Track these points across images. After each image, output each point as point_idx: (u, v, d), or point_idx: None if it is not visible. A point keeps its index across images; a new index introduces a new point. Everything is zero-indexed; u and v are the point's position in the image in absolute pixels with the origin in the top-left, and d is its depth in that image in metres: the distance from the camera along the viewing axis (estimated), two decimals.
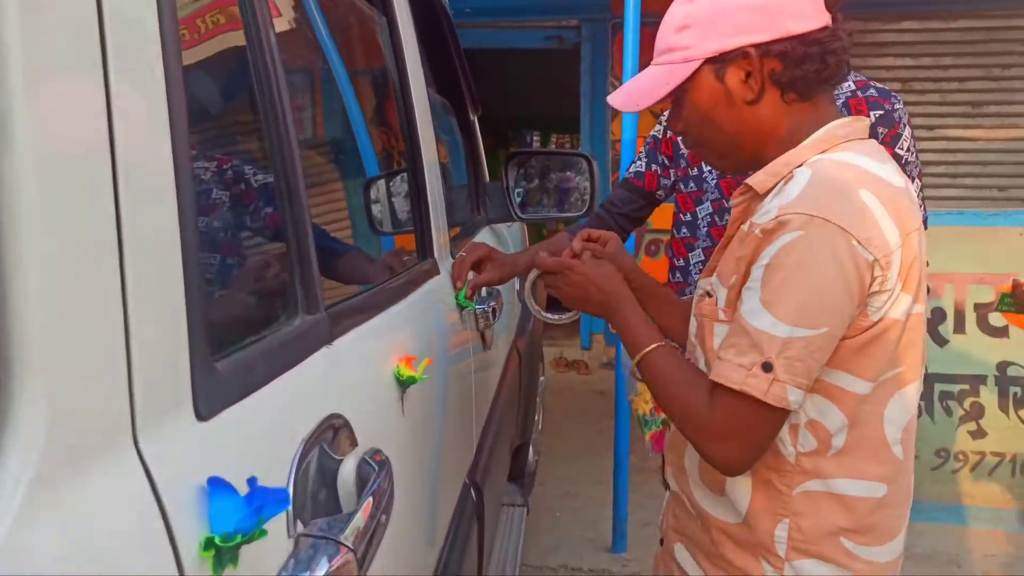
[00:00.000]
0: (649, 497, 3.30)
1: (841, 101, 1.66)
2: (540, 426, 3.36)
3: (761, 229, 0.92)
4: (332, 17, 1.33)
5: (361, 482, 0.65)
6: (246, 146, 0.93)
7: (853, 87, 1.67)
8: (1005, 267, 2.66)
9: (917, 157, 1.71)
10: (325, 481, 0.64)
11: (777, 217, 0.90)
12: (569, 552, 2.93)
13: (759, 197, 1.00)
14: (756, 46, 0.95)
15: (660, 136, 1.93)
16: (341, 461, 0.65)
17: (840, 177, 0.93)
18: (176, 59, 0.51)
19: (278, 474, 0.58)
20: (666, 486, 1.26)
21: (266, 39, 0.72)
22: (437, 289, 1.27)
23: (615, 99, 1.08)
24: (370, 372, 0.84)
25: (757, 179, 0.99)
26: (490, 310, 1.53)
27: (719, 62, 0.98)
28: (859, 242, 0.89)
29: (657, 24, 1.04)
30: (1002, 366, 2.73)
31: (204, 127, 0.84)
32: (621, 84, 1.15)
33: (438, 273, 1.31)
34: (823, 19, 0.96)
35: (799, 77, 0.96)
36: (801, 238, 0.88)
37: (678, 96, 1.02)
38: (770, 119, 0.99)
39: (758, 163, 1.02)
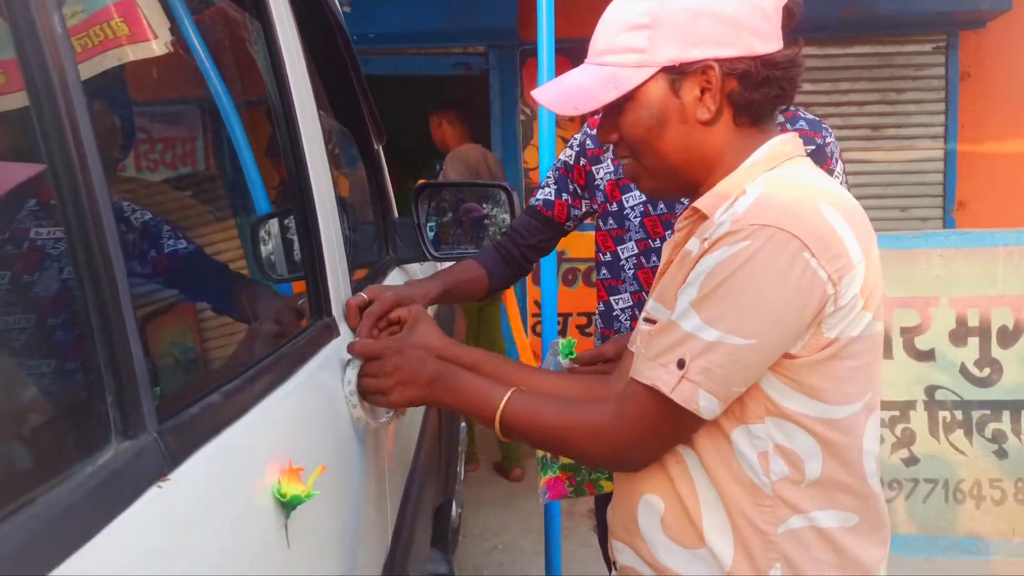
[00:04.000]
0: (582, 545, 3.12)
1: None
2: (463, 475, 3.13)
3: (709, 240, 0.85)
4: (180, 22, 1.10)
5: None
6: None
7: (781, 118, 1.56)
8: (929, 290, 2.64)
9: (850, 190, 1.60)
10: None
11: (729, 228, 0.84)
12: None
13: (705, 221, 0.92)
14: (720, 61, 0.87)
15: (572, 162, 1.74)
16: None
17: (795, 189, 0.88)
18: None
19: None
20: (611, 568, 1.09)
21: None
22: (337, 356, 1.05)
23: (545, 97, 0.97)
24: (233, 506, 0.61)
25: (705, 202, 0.92)
26: None
27: (676, 73, 0.89)
28: (813, 254, 0.83)
29: (570, 50, 0.91)
30: (930, 390, 2.69)
31: None
32: (532, 112, 1.01)
33: (338, 334, 1.08)
34: (779, 42, 0.91)
35: (756, 100, 0.90)
36: (748, 247, 0.82)
37: (616, 103, 0.91)
38: (719, 142, 0.92)
39: (692, 190, 0.96)
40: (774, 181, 0.89)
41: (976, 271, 2.63)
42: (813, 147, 1.54)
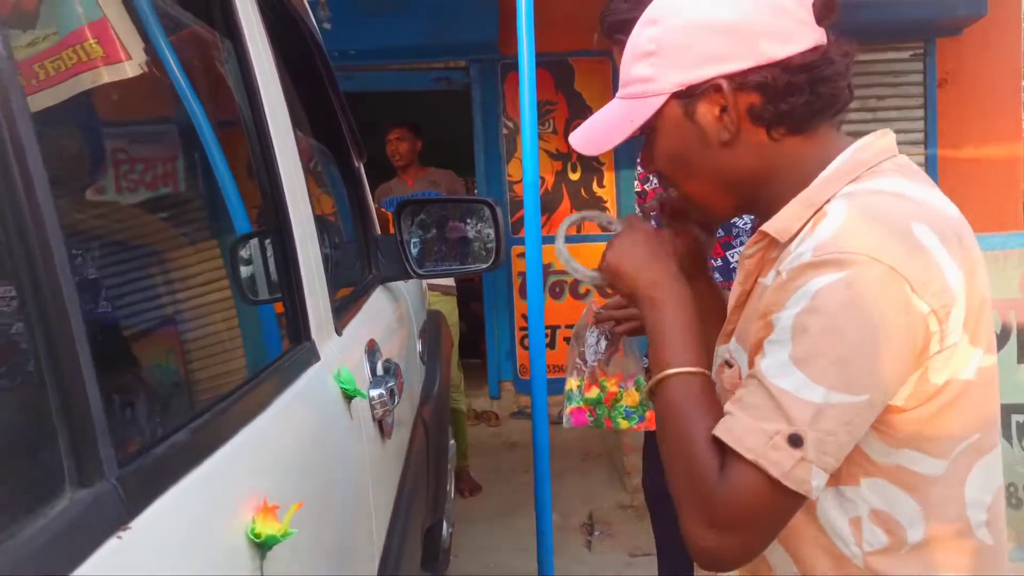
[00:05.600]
0: (575, 560, 3.08)
1: None
2: (453, 495, 3.08)
3: (788, 272, 0.75)
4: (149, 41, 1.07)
5: None
6: None
7: None
8: None
9: None
10: None
11: (812, 257, 0.73)
12: None
13: (779, 246, 0.82)
14: (729, 77, 0.79)
15: (640, 191, 1.91)
16: None
17: (886, 208, 0.76)
18: None
19: None
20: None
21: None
22: (318, 382, 1.01)
23: (576, 140, 0.91)
24: (202, 552, 0.56)
25: (776, 225, 0.82)
26: (387, 393, 1.28)
27: (687, 97, 0.82)
28: (913, 288, 0.72)
29: (551, 63, 0.88)
30: None
31: None
32: (515, 125, 0.98)
33: (318, 359, 1.05)
34: (810, 37, 0.79)
35: (785, 112, 0.79)
36: (843, 280, 0.71)
37: (648, 132, 0.86)
38: (754, 160, 0.82)
39: (754, 205, 0.86)
40: (857, 199, 0.78)
41: None
42: None
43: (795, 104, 0.79)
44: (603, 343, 1.73)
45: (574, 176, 5.03)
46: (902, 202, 0.78)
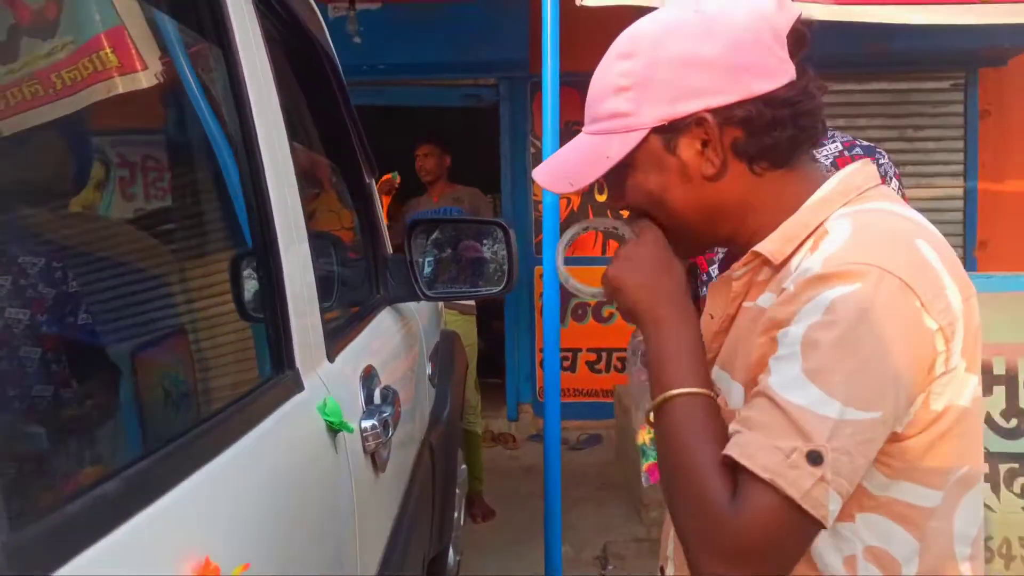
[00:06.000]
0: None
1: (829, 162, 1.63)
2: (463, 521, 3.00)
3: (796, 285, 0.73)
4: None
5: None
6: None
7: (840, 147, 1.69)
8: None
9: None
10: None
11: (821, 271, 0.72)
12: None
13: (771, 268, 0.80)
14: (713, 111, 0.78)
15: None
16: None
17: (889, 225, 0.77)
18: None
19: None
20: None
21: None
22: (298, 415, 0.94)
23: (541, 177, 0.89)
24: None
25: (769, 246, 0.80)
26: (380, 424, 1.21)
27: (668, 131, 0.80)
28: (923, 304, 0.71)
29: (577, 83, 0.90)
30: None
31: None
32: (540, 144, 0.93)
33: (302, 389, 0.98)
34: (789, 73, 0.79)
35: (769, 146, 0.79)
36: (858, 291, 0.70)
37: (617, 168, 0.83)
38: (739, 194, 0.81)
39: (733, 240, 0.85)
40: (859, 216, 0.77)
41: (1003, 317, 2.49)
42: None
43: (779, 138, 0.79)
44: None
45: (600, 198, 4.96)
46: (902, 220, 0.78)
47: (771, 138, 0.78)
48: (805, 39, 0.81)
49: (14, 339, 0.64)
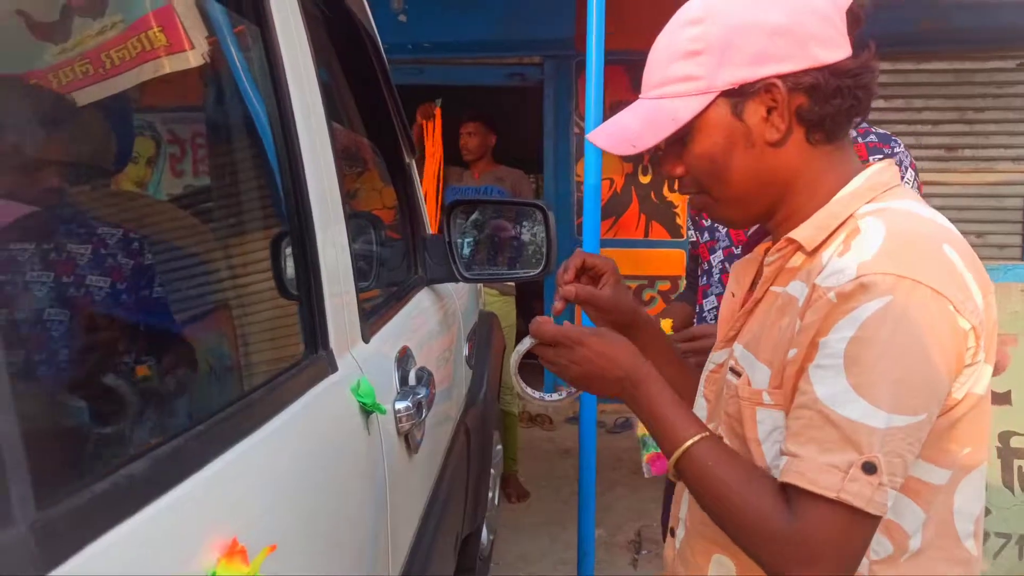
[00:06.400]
0: None
1: None
2: (496, 501, 3.02)
3: (836, 293, 0.76)
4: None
5: None
6: None
7: (853, 133, 1.59)
8: (1007, 327, 2.42)
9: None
10: None
11: (857, 278, 0.76)
12: None
13: (803, 256, 0.85)
14: (783, 77, 0.81)
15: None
16: None
17: (919, 229, 0.81)
18: None
19: None
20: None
21: None
22: (330, 396, 0.95)
23: (601, 139, 0.91)
24: None
25: (803, 233, 0.84)
26: (414, 407, 1.22)
27: (737, 96, 0.83)
28: (955, 307, 0.76)
29: (623, 62, 0.86)
30: (1005, 437, 2.46)
31: None
32: (584, 124, 0.94)
33: (334, 370, 0.99)
34: (847, 47, 0.83)
35: (829, 114, 0.83)
36: (893, 304, 0.74)
37: (679, 135, 0.86)
38: (794, 163, 0.85)
39: (772, 215, 0.89)
40: (889, 217, 0.81)
41: None
42: (880, 156, 1.60)
43: (840, 107, 0.82)
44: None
45: (644, 179, 4.89)
46: (929, 224, 0.81)
47: (832, 106, 0.82)
48: (859, 19, 0.84)
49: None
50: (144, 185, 1.59)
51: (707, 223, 1.80)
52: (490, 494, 2.71)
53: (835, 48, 0.82)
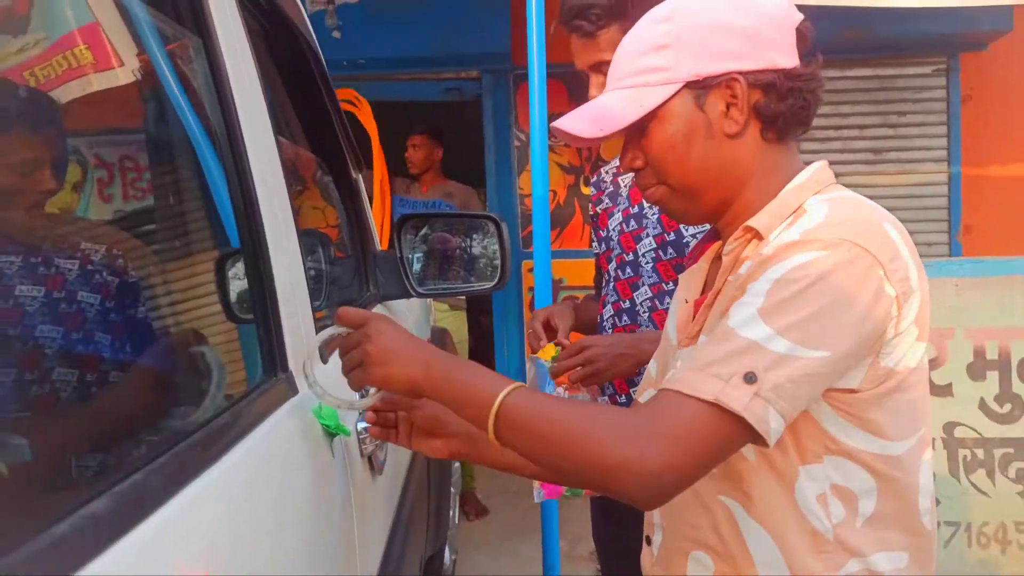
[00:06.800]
0: None
1: None
2: (457, 520, 2.97)
3: (774, 247, 0.83)
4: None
5: None
6: None
7: None
8: (944, 321, 2.50)
9: None
10: None
11: (798, 239, 0.82)
12: None
13: (757, 244, 0.89)
14: (744, 74, 0.88)
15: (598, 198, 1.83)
16: None
17: (860, 207, 0.88)
18: None
19: None
20: None
21: None
22: (292, 420, 0.90)
23: (570, 123, 0.93)
24: None
25: (760, 221, 0.89)
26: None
27: (701, 88, 0.89)
28: (885, 273, 0.82)
29: (561, 75, 0.89)
30: (949, 427, 2.54)
31: None
32: (527, 137, 0.95)
33: (295, 393, 0.95)
34: (797, 58, 0.91)
35: (782, 112, 0.90)
36: (825, 256, 0.80)
37: (639, 126, 0.91)
38: (748, 157, 0.91)
39: (725, 211, 0.94)
40: (835, 200, 0.88)
41: (992, 301, 2.50)
42: None
43: (792, 107, 0.89)
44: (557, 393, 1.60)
45: (586, 190, 4.93)
46: (872, 207, 0.89)
47: (785, 105, 0.89)
48: (806, 39, 0.92)
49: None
50: (71, 212, 1.51)
51: (604, 234, 1.75)
52: (451, 512, 2.66)
53: (788, 56, 0.89)
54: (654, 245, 1.65)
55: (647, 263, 1.65)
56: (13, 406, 0.70)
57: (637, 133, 0.92)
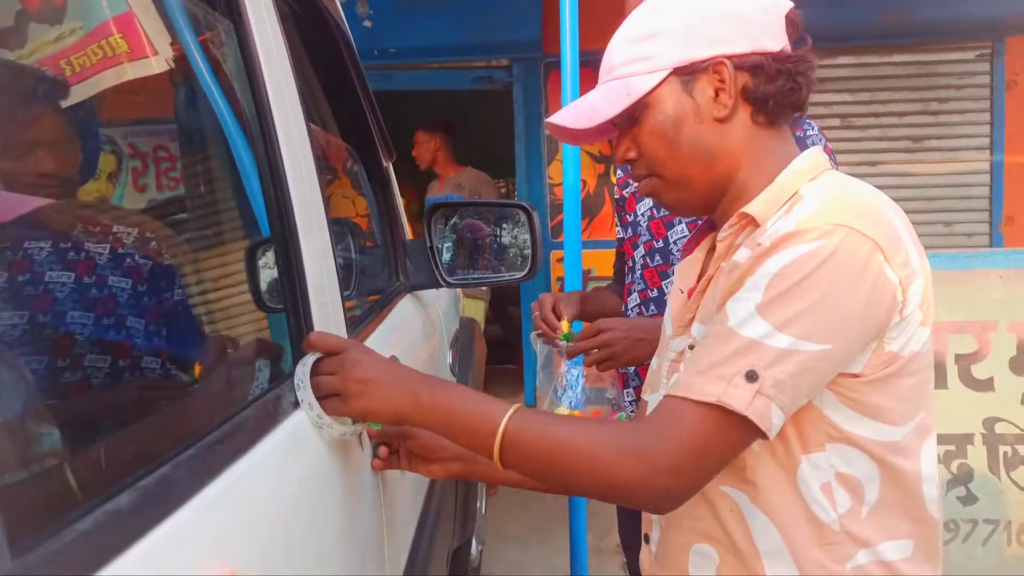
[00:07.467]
0: None
1: None
2: (484, 511, 2.97)
3: (770, 238, 0.81)
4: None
5: None
6: None
7: None
8: (987, 314, 2.43)
9: None
10: None
11: (795, 229, 0.80)
12: None
13: (753, 231, 0.87)
14: (730, 57, 0.87)
15: (620, 196, 1.83)
16: None
17: (859, 192, 0.87)
18: None
19: None
20: None
21: None
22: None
23: (561, 117, 0.94)
24: None
25: (756, 207, 0.88)
26: None
27: (688, 73, 0.89)
28: (886, 258, 0.80)
29: (593, 63, 0.94)
30: (989, 423, 2.48)
31: None
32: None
33: None
34: (786, 43, 0.91)
35: (771, 94, 0.88)
36: (822, 247, 0.78)
37: (630, 116, 0.91)
38: (739, 142, 0.90)
39: (719, 200, 0.93)
40: (832, 185, 0.87)
41: None
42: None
43: (780, 88, 0.87)
44: (581, 380, 1.59)
45: (615, 178, 4.89)
46: (871, 192, 0.87)
47: (774, 87, 0.87)
48: (796, 26, 0.91)
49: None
50: (105, 200, 1.52)
51: (630, 219, 1.74)
52: (478, 503, 2.66)
53: (776, 39, 0.88)
54: (687, 233, 1.62)
55: (680, 251, 1.61)
56: (44, 394, 0.69)
57: (629, 124, 0.92)
